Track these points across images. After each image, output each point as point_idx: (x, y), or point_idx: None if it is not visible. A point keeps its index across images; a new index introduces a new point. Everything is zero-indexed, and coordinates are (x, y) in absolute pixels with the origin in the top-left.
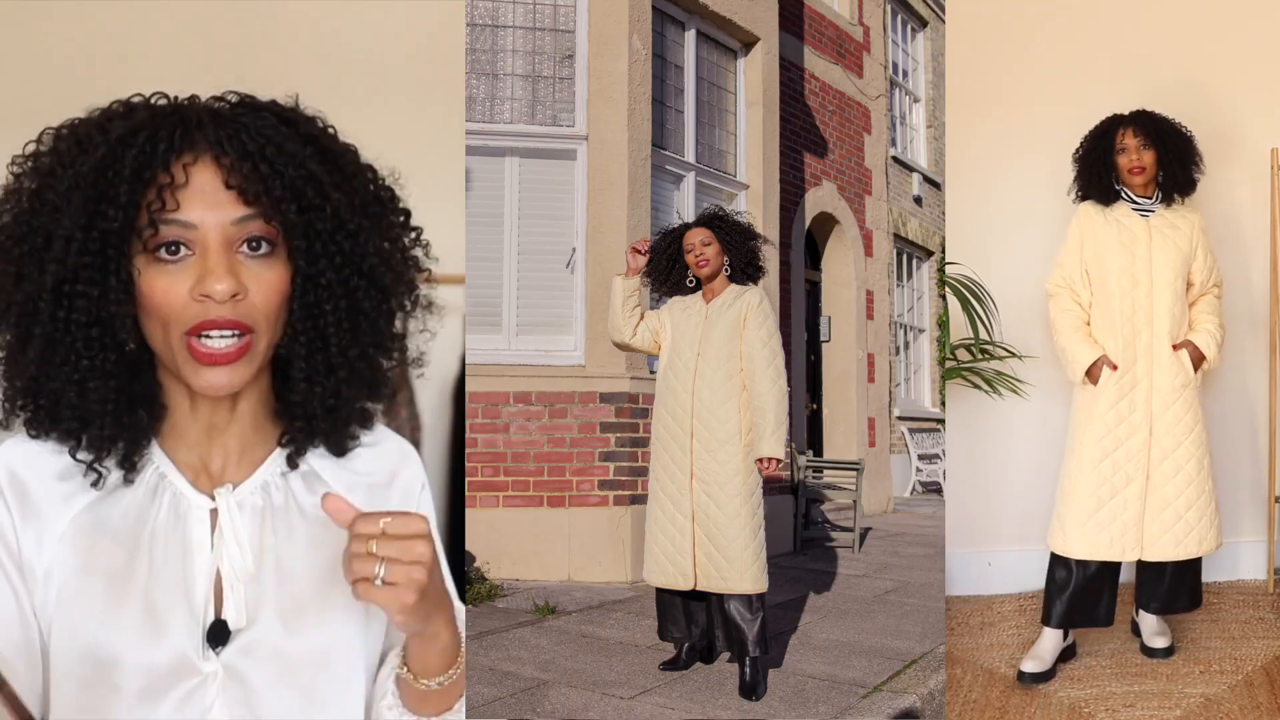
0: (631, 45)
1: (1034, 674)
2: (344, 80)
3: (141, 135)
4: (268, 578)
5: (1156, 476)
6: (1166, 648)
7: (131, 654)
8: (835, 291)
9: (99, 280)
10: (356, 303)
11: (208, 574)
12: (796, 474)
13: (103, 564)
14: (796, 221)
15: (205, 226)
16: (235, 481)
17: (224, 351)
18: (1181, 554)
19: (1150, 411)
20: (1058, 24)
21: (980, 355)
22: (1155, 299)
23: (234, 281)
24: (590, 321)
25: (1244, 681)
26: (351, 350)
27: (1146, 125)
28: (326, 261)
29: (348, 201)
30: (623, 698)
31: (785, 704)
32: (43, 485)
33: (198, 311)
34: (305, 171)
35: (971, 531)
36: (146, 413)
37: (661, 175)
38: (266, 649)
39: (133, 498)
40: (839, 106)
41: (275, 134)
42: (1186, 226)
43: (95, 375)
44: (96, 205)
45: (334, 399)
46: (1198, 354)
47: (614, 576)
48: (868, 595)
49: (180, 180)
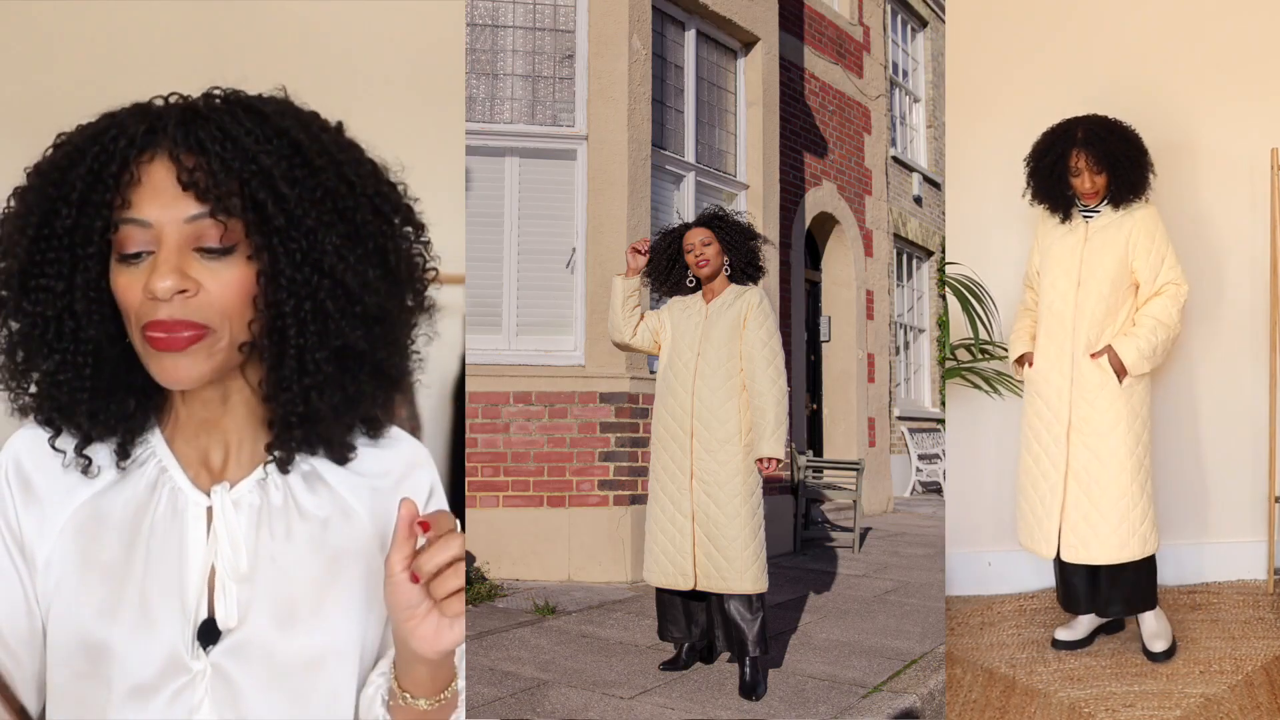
0: (631, 45)
1: (1066, 641)
2: (344, 80)
3: (108, 135)
4: (262, 578)
5: (1081, 474)
6: (1166, 650)
7: (123, 648)
8: (835, 291)
9: (64, 275)
10: (320, 304)
11: (201, 572)
12: (796, 474)
13: (101, 556)
14: (796, 221)
15: (160, 224)
16: (235, 478)
17: (170, 339)
18: (1093, 558)
19: (1071, 411)
20: (1058, 24)
21: (980, 355)
22: (1081, 300)
23: (178, 278)
24: (590, 321)
25: (1244, 681)
26: (319, 353)
27: (1098, 148)
28: (286, 259)
29: (306, 197)
30: (623, 698)
31: (785, 704)
32: (47, 476)
33: (150, 309)
34: (256, 166)
35: (971, 531)
36: (138, 402)
37: (661, 175)
38: (257, 650)
39: (134, 490)
40: (839, 106)
41: (235, 128)
42: (1128, 225)
43: (67, 368)
44: (52, 204)
45: (304, 405)
46: (1117, 361)
47: (614, 576)
48: (868, 595)
49: (135, 178)
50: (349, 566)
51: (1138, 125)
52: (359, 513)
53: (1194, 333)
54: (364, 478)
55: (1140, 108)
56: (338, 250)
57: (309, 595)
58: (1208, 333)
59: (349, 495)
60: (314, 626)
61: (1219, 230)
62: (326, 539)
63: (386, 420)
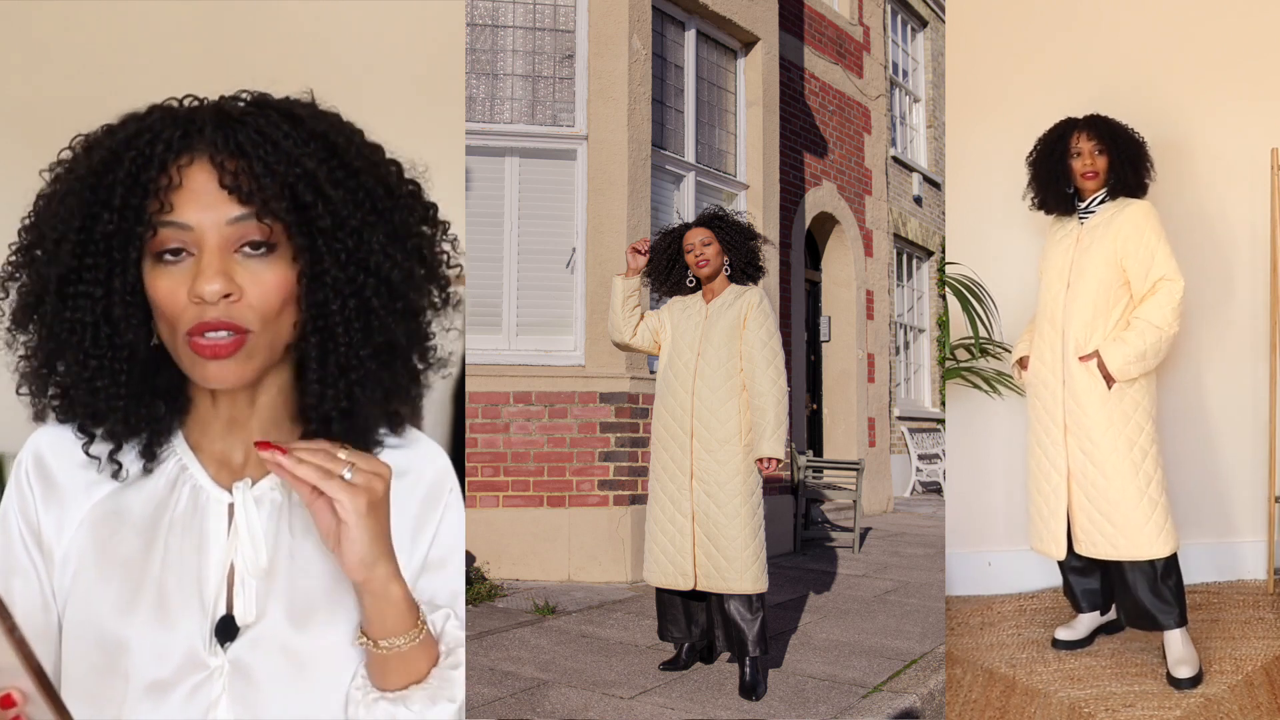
0: (631, 45)
1: (1066, 641)
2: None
3: (143, 139)
4: (280, 575)
5: (1079, 477)
6: (1192, 677)
7: (141, 643)
8: (835, 291)
9: (102, 280)
10: (365, 301)
11: (221, 568)
12: (796, 474)
13: (119, 552)
14: (796, 221)
15: (201, 228)
16: (256, 477)
17: (215, 344)
18: (1100, 553)
19: (1064, 412)
20: (1058, 24)
21: (980, 355)
22: (1069, 302)
23: (224, 282)
24: (590, 321)
25: (1244, 681)
26: (364, 350)
27: (1100, 129)
28: (331, 259)
29: (349, 198)
30: (623, 698)
31: (785, 704)
32: (67, 472)
33: (195, 313)
34: (301, 169)
35: (971, 531)
36: (167, 405)
37: (661, 175)
38: (274, 646)
39: (153, 488)
40: (839, 106)
41: (274, 132)
42: (1120, 222)
43: (104, 374)
44: (91, 209)
45: (348, 401)
46: (1104, 366)
47: (614, 576)
48: (868, 595)
49: (176, 182)
50: None
51: (1138, 125)
52: None
53: (1194, 333)
54: None
55: (1140, 107)
56: (384, 249)
57: (327, 592)
58: (1208, 333)
59: None
60: (331, 623)
61: (1219, 230)
62: None
63: (410, 418)
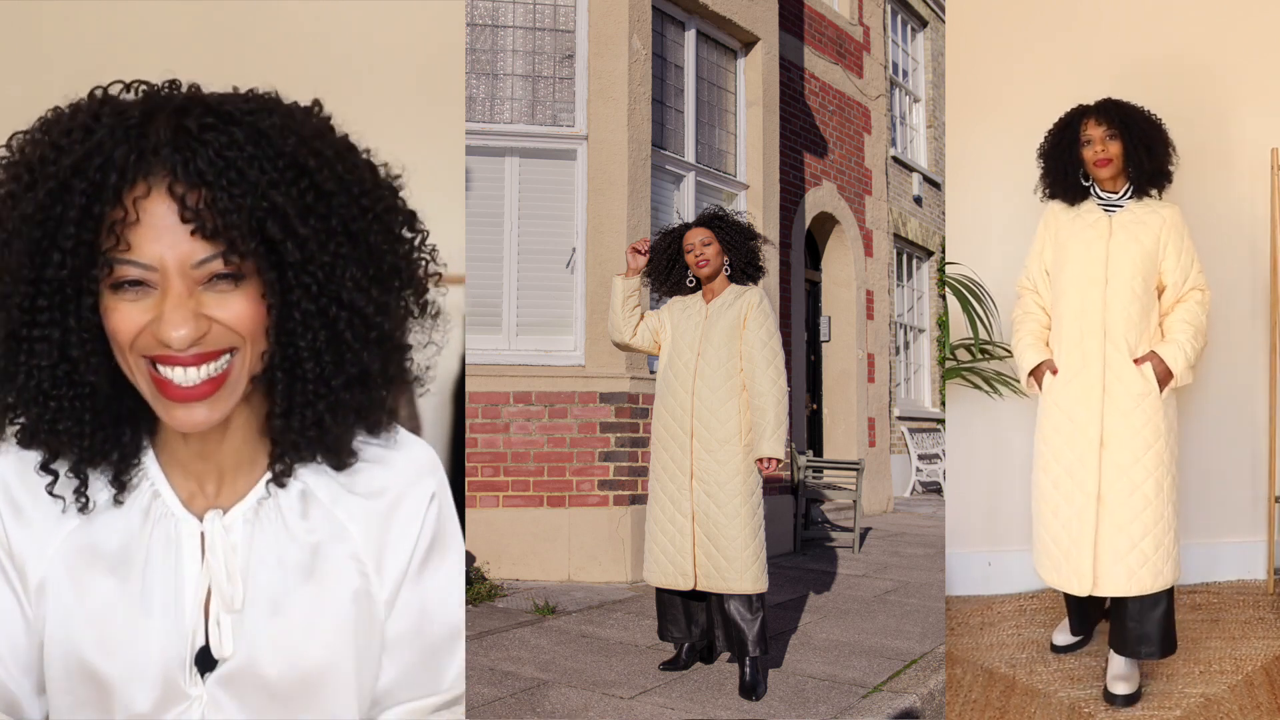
0: (631, 45)
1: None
2: (343, 80)
3: (93, 164)
4: (256, 604)
5: (1110, 497)
6: (1127, 695)
7: (121, 678)
8: (835, 291)
9: (58, 322)
10: (338, 334)
11: (197, 599)
12: (796, 474)
13: (95, 586)
14: (796, 221)
15: (164, 266)
16: (228, 504)
17: (194, 387)
18: (1135, 589)
19: (1102, 424)
20: (1058, 24)
21: (980, 355)
22: (1110, 299)
23: (193, 327)
24: (590, 321)
25: (1244, 681)
26: (335, 380)
27: (1111, 114)
28: (301, 293)
29: (321, 229)
30: (623, 698)
31: (785, 704)
32: (36, 500)
33: (155, 345)
34: (269, 203)
35: (971, 531)
36: (133, 430)
37: (661, 175)
38: (252, 676)
39: (126, 520)
40: (839, 106)
41: (238, 156)
42: (1156, 223)
43: (66, 415)
44: (42, 251)
45: (316, 430)
46: (1163, 369)
47: (614, 576)
48: (868, 595)
49: (133, 217)
50: (341, 588)
51: None
52: (352, 533)
53: None
54: (359, 497)
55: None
56: (356, 283)
57: (302, 619)
58: (1209, 333)
59: (343, 515)
60: (308, 649)
61: (1219, 230)
62: (316, 565)
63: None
